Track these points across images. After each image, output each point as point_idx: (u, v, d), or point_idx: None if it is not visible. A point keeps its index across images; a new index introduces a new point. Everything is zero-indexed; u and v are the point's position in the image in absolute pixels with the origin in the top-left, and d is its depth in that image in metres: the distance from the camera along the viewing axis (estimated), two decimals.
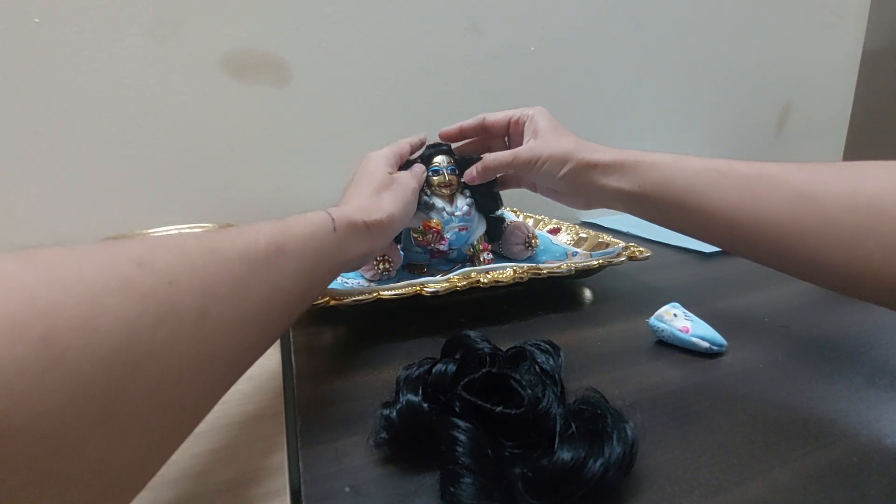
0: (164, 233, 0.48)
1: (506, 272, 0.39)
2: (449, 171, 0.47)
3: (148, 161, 0.58)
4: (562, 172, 0.39)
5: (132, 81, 0.55)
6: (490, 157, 0.44)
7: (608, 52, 0.80)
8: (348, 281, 0.46)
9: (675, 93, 0.88)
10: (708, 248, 0.61)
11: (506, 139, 0.50)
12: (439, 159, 0.47)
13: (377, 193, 0.35)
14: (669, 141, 0.90)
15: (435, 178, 0.47)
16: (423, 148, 0.49)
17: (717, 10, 0.87)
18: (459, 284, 0.37)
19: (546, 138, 0.41)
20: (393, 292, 0.35)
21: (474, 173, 0.45)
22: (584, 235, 0.55)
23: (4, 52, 0.50)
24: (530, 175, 0.43)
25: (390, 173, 0.39)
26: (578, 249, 0.53)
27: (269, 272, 0.22)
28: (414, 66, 0.68)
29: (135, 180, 0.58)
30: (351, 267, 0.33)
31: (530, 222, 0.64)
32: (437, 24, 0.68)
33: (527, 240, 0.52)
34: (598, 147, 0.39)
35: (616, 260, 0.44)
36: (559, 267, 0.41)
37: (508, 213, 0.70)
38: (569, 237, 0.57)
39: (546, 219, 0.64)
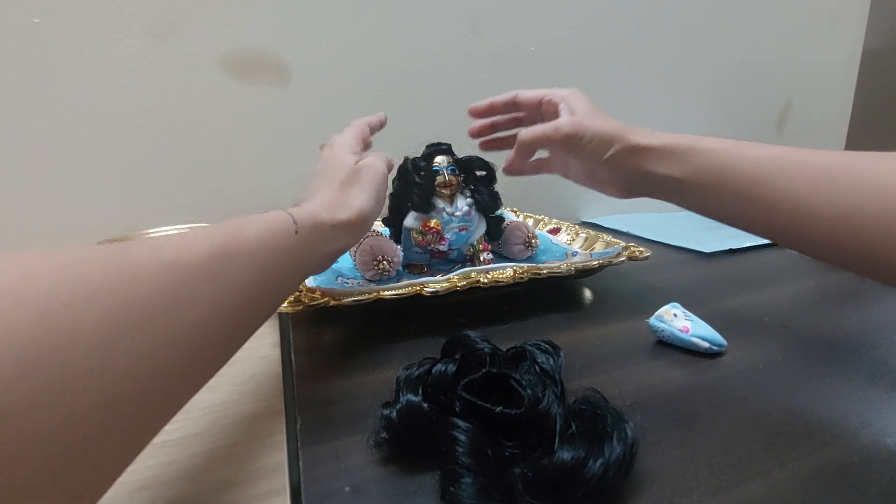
0: (164, 233, 0.48)
1: (506, 272, 0.39)
2: (449, 172, 0.47)
3: (148, 161, 0.58)
4: (607, 154, 0.36)
5: (132, 81, 0.56)
6: (526, 132, 0.40)
7: (608, 52, 0.80)
8: (348, 281, 0.46)
9: (675, 92, 0.88)
10: (708, 247, 0.61)
11: (539, 122, 0.46)
12: (439, 159, 0.47)
13: (344, 187, 0.32)
14: None
15: (435, 177, 0.47)
16: (424, 147, 0.49)
17: (717, 10, 0.87)
18: (459, 284, 0.37)
19: (588, 116, 0.38)
20: (393, 292, 0.35)
21: (513, 154, 0.42)
22: (585, 235, 0.55)
23: (4, 52, 0.50)
24: (572, 153, 0.39)
25: (356, 162, 0.35)
26: (578, 249, 0.53)
27: (209, 283, 0.19)
28: (414, 67, 0.68)
29: (135, 180, 0.58)
30: (321, 266, 0.31)
31: (530, 222, 0.64)
32: (437, 24, 0.68)
33: (527, 240, 0.52)
34: (647, 130, 0.36)
35: (616, 260, 0.44)
36: (559, 267, 0.41)
37: (508, 214, 0.70)
38: (569, 237, 0.57)
39: (546, 219, 0.63)
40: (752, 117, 0.98)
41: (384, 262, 0.45)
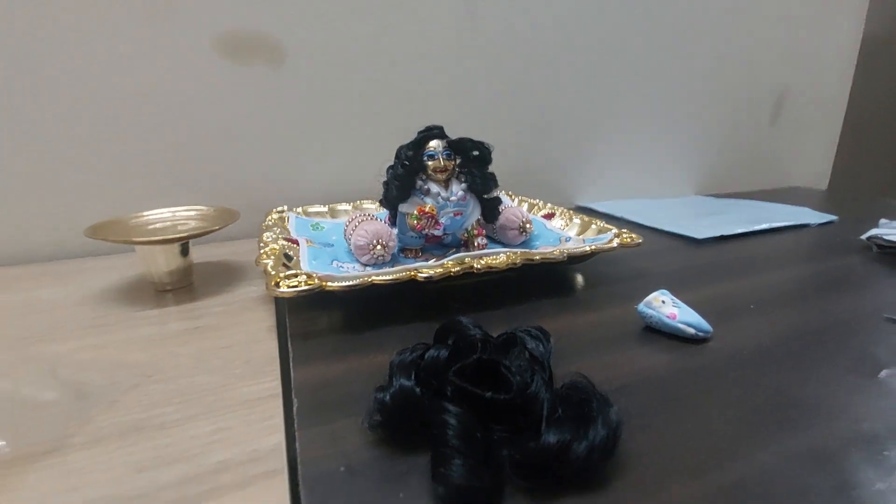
0: (159, 215, 0.48)
1: (499, 258, 0.40)
2: (445, 157, 0.47)
3: (142, 144, 0.57)
4: None
5: (125, 64, 0.55)
6: None
7: (600, 41, 0.79)
8: (344, 265, 0.46)
9: (667, 80, 0.87)
10: (700, 233, 0.62)
11: None
12: (433, 144, 0.47)
13: None
14: (660, 130, 0.89)
15: (430, 162, 0.46)
16: (417, 133, 0.48)
17: None
18: (454, 270, 0.38)
19: None
20: (387, 278, 0.36)
21: None
22: (578, 221, 0.55)
23: None
24: None
25: None
26: (572, 235, 0.53)
27: None
28: (411, 48, 0.67)
29: (129, 163, 0.57)
30: None
31: (525, 206, 0.64)
32: (435, 4, 0.67)
33: (521, 225, 0.52)
34: None
35: (608, 246, 0.44)
36: (552, 253, 0.42)
37: (504, 198, 0.70)
38: (563, 222, 0.57)
39: (540, 203, 0.64)
40: (746, 107, 0.97)
41: (379, 247, 0.45)
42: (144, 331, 0.36)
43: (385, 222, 0.50)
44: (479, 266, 0.39)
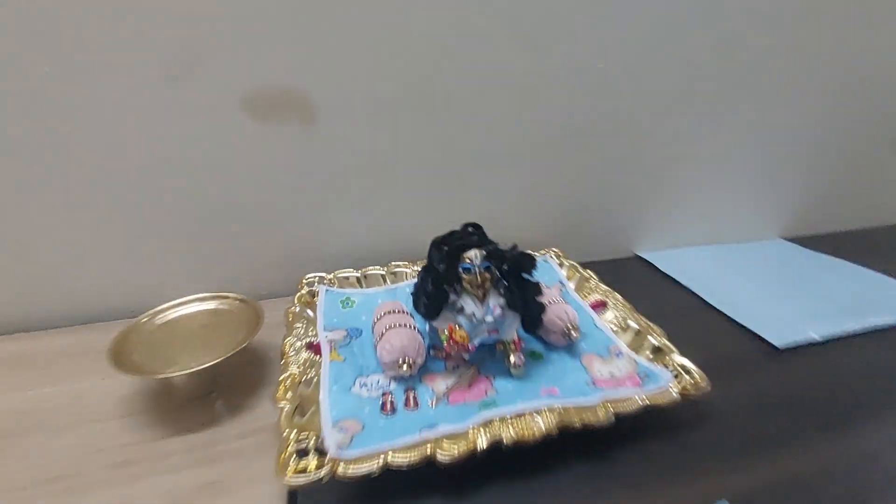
0: (180, 312, 0.47)
1: (534, 427, 0.35)
2: (483, 269, 0.42)
3: (166, 223, 0.56)
4: None
5: (148, 131, 0.51)
6: None
7: (660, 60, 0.65)
8: (367, 380, 0.43)
9: (768, 104, 0.73)
10: (781, 337, 0.53)
11: None
12: (471, 255, 0.42)
13: None
14: (762, 161, 0.76)
15: (466, 275, 0.42)
16: (450, 235, 0.43)
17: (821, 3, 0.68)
18: (479, 448, 0.34)
19: None
20: (405, 460, 0.33)
21: None
22: (634, 327, 0.49)
23: (15, 104, 0.47)
24: None
25: None
26: (623, 349, 0.47)
27: None
28: (453, 92, 0.59)
29: (153, 245, 0.56)
30: None
31: (572, 284, 0.58)
32: (482, 49, 0.57)
33: (565, 331, 0.47)
34: None
35: (665, 402, 0.38)
36: (597, 412, 0.37)
37: (551, 260, 0.64)
38: (615, 321, 0.51)
39: (594, 281, 0.57)
40: (860, 131, 0.80)
41: (406, 366, 0.42)
42: (164, 480, 0.35)
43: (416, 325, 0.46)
44: (508, 441, 0.35)
